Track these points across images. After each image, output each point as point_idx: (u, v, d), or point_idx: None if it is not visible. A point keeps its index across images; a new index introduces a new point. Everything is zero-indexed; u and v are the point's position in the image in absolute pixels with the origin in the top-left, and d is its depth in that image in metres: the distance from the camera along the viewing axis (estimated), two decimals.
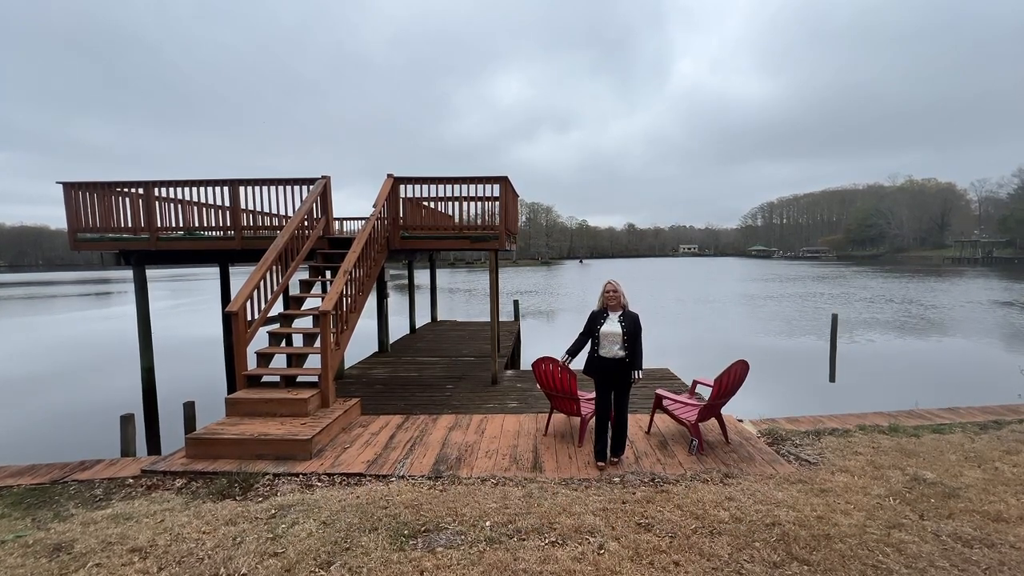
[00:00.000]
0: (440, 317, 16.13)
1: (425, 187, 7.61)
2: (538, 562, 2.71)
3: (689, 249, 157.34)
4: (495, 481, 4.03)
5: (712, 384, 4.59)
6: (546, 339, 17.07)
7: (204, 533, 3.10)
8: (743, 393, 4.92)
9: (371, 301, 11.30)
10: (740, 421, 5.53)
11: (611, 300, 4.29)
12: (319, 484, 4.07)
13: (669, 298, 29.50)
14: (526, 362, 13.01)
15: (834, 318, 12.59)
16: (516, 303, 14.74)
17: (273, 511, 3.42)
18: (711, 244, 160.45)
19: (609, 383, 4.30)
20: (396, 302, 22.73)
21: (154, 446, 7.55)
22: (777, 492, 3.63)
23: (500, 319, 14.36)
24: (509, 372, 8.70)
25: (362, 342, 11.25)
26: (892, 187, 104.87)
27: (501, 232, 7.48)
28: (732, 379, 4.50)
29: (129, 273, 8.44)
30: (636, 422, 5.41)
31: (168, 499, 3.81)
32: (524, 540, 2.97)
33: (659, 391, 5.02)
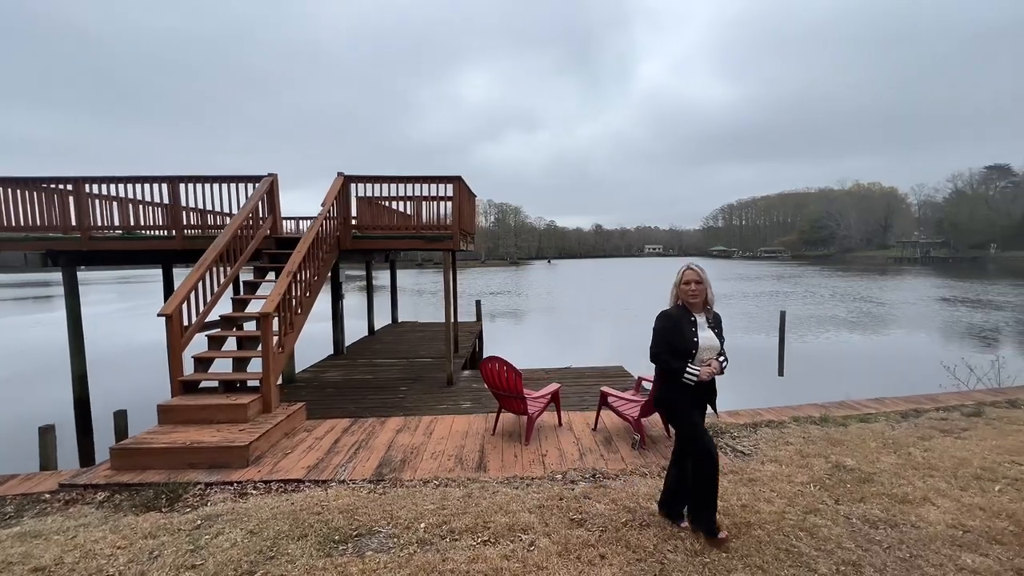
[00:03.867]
0: (405, 318, 15.94)
1: (378, 187, 7.50)
2: (467, 561, 2.71)
3: (654, 249, 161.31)
4: (438, 483, 4.00)
5: (653, 381, 4.70)
6: (510, 339, 17.15)
7: (119, 548, 2.94)
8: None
9: (326, 303, 11.04)
10: None
11: (694, 296, 2.90)
12: (254, 492, 3.93)
13: (638, 297, 30.14)
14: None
15: (782, 315, 13.19)
16: (478, 303, 14.71)
17: (199, 522, 3.28)
18: (675, 244, 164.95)
19: (702, 409, 3.03)
20: (359, 303, 22.29)
21: (88, 460, 7.11)
22: None
23: (463, 320, 14.40)
24: (466, 373, 8.67)
25: (317, 345, 10.97)
26: (841, 191, 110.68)
27: (455, 232, 7.45)
28: None
29: (83, 275, 7.92)
30: (584, 419, 5.49)
31: (86, 514, 3.59)
32: (457, 540, 2.96)
33: (604, 388, 5.12)
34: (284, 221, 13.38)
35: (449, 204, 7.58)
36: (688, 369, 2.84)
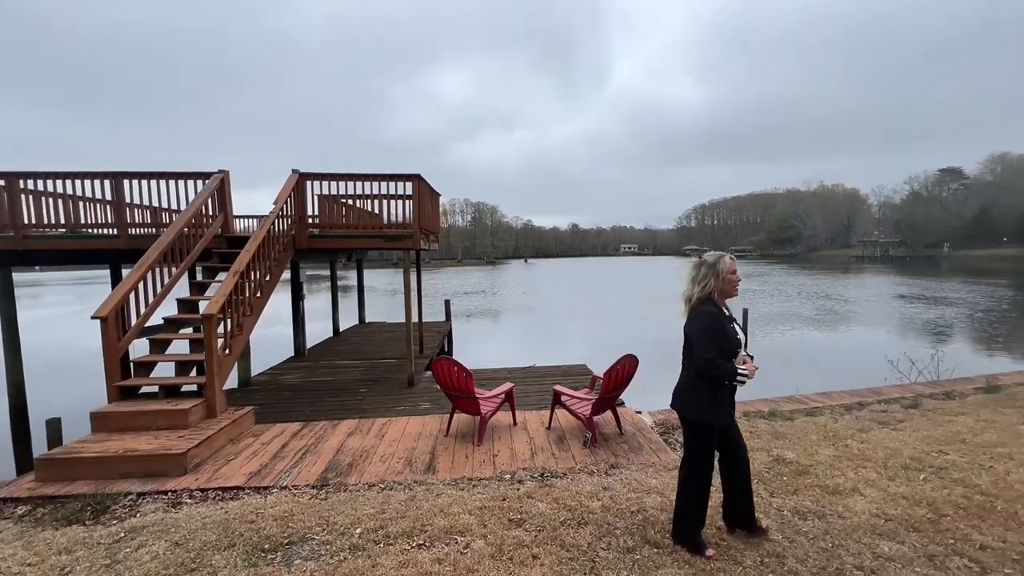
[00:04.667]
0: (377, 318, 15.69)
1: (337, 185, 7.35)
2: (397, 566, 2.66)
3: (629, 249, 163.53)
4: (384, 486, 3.93)
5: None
6: (481, 338, 17.09)
7: (28, 566, 2.78)
8: (663, 385, 5.09)
9: (287, 304, 10.78)
10: (639, 413, 5.77)
11: (735, 288, 2.74)
12: (189, 501, 3.78)
13: (611, 296, 30.47)
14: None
15: (744, 312, 13.52)
16: (447, 303, 14.59)
17: (121, 535, 3.13)
18: (650, 244, 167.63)
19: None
20: (327, 305, 21.86)
21: (25, 472, 6.73)
22: (652, 479, 3.81)
23: (434, 319, 14.24)
24: (428, 373, 8.57)
25: (280, 346, 10.70)
26: (807, 192, 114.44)
27: (415, 231, 7.36)
28: (622, 373, 4.67)
29: (39, 275, 7.49)
30: (540, 419, 5.50)
31: (1, 529, 3.39)
32: (391, 545, 2.91)
33: (557, 387, 5.13)
34: (245, 220, 13.07)
35: (410, 203, 7.49)
36: (740, 370, 2.56)
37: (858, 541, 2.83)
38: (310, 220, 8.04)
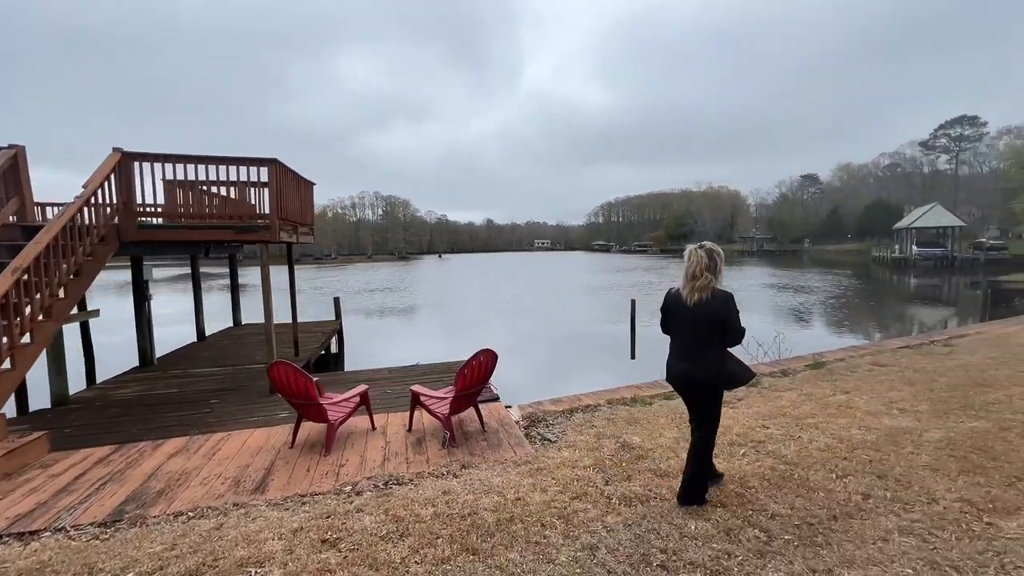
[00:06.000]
0: (258, 320, 14.22)
1: (182, 168, 6.37)
2: None
3: (542, 244, 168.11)
4: (193, 514, 3.39)
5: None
6: (376, 337, 16.30)
7: None
8: (549, 374, 5.00)
9: (127, 307, 9.33)
10: (508, 407, 5.70)
11: None
12: None
13: (520, 290, 30.85)
14: (351, 363, 12.16)
15: (632, 304, 14.33)
16: (336, 300, 13.68)
17: None
18: (561, 239, 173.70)
19: None
20: (215, 303, 19.66)
21: None
22: (498, 478, 3.69)
23: (324, 319, 13.15)
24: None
25: (124, 355, 9.25)
26: (698, 192, 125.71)
27: (273, 221, 6.64)
28: (478, 369, 4.53)
29: None
30: (403, 421, 5.21)
31: None
32: None
33: (414, 387, 4.87)
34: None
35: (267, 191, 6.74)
36: None
37: (670, 523, 2.92)
38: (150, 209, 6.97)
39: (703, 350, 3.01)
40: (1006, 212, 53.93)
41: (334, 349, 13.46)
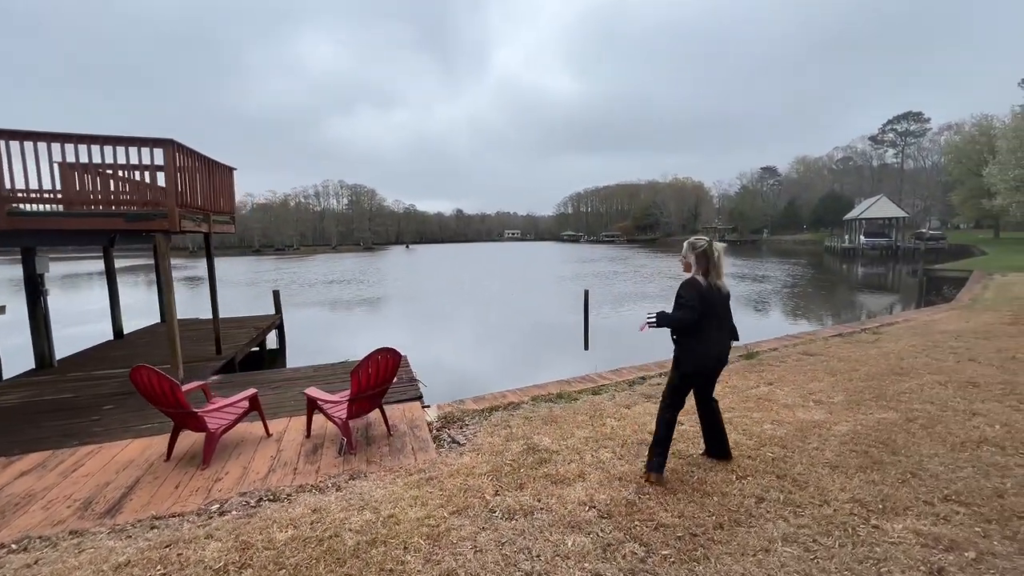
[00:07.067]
0: (197, 315, 13.32)
1: (66, 150, 5.69)
2: None
3: (512, 234, 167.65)
4: (17, 547, 2.93)
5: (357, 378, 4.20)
6: (322, 332, 15.64)
7: None
8: (498, 365, 4.66)
9: (18, 305, 8.57)
10: (426, 408, 5.38)
11: None
12: None
13: (486, 280, 30.44)
14: (293, 360, 11.53)
15: (586, 294, 14.20)
16: (276, 293, 12.96)
17: None
18: (531, 230, 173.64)
19: None
20: (190, 298, 18.51)
21: None
22: (381, 490, 3.37)
23: (261, 312, 12.32)
24: (215, 377, 7.31)
25: (19, 356, 8.42)
26: (664, 183, 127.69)
27: (171, 209, 6.04)
28: (377, 370, 4.17)
29: None
30: (299, 426, 4.80)
31: None
32: None
33: (308, 391, 4.48)
34: None
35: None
36: None
37: (547, 539, 2.67)
38: (48, 195, 6.25)
39: (729, 327, 3.41)
40: (945, 204, 57.15)
41: (273, 345, 12.80)
